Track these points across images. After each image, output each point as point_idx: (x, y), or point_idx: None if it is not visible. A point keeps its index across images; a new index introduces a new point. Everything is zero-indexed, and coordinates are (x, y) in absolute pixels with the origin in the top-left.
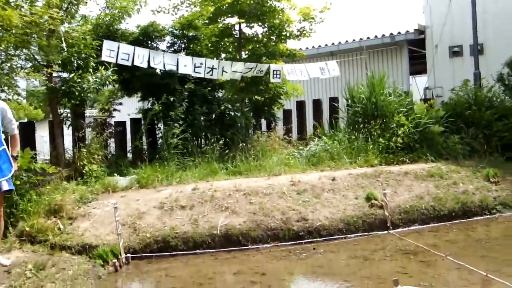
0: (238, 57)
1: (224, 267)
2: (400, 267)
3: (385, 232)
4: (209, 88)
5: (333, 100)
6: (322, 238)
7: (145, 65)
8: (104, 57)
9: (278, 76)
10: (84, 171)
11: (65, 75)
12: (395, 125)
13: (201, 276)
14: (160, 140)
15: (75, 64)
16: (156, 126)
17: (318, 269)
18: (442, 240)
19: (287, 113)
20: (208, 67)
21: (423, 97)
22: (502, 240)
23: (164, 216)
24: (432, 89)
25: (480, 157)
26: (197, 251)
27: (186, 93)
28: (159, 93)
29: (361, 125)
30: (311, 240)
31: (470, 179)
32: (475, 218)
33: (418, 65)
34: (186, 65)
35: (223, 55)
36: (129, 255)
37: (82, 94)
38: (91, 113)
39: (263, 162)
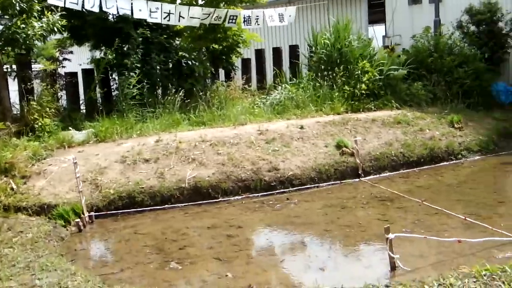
0: (195, 2)
1: (196, 222)
2: (378, 214)
3: (357, 180)
4: (166, 36)
5: (294, 48)
6: (295, 188)
7: (96, 9)
8: (50, 0)
9: (233, 21)
10: (35, 126)
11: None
12: (359, 72)
13: (173, 232)
14: (116, 92)
15: (18, 8)
16: (110, 77)
17: (295, 220)
18: (414, 186)
19: (246, 62)
20: (164, 12)
21: (382, 46)
22: (472, 184)
23: (127, 170)
24: (390, 37)
25: (442, 104)
26: (166, 206)
27: (140, 39)
28: (113, 41)
29: (325, 73)
30: (284, 190)
31: (435, 126)
32: (442, 164)
33: (376, 13)
34: (141, 9)
35: (179, 0)
36: (92, 213)
37: (27, 42)
38: (37, 67)
39: (227, 112)
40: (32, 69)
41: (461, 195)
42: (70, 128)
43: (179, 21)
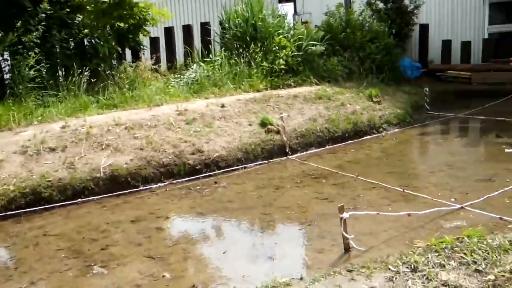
0: None
1: (117, 215)
2: (315, 192)
3: (285, 158)
4: (68, 10)
5: (205, 26)
6: (222, 170)
7: None
8: None
9: None
10: None
11: None
12: (277, 47)
13: (91, 229)
14: (9, 74)
15: None
16: (1, 57)
17: (229, 205)
18: (344, 161)
19: (154, 42)
20: None
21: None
22: (399, 156)
23: (30, 162)
24: (300, 15)
25: (357, 79)
26: (79, 200)
27: (42, 15)
28: (4, 15)
29: (241, 50)
30: (210, 173)
31: (355, 100)
32: (366, 138)
33: None
34: None
35: None
36: None
37: None
38: None
39: (140, 93)
40: None
41: (391, 168)
42: None
43: None
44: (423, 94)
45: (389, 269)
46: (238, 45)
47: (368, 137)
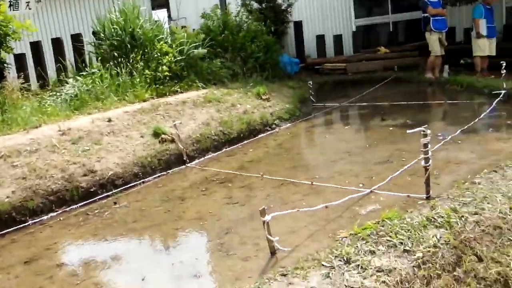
0: None
1: (6, 259)
2: (225, 198)
3: (183, 166)
4: None
5: (77, 37)
6: (119, 189)
7: None
8: None
9: None
10: None
11: None
12: (159, 54)
13: None
14: None
15: None
16: None
17: (136, 225)
18: (245, 162)
19: (20, 58)
20: None
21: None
22: (298, 150)
23: None
24: (176, 20)
25: (242, 79)
26: None
27: None
28: None
29: (120, 59)
30: (107, 194)
31: (245, 100)
32: (261, 136)
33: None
34: None
35: None
36: None
37: None
38: None
39: (12, 115)
40: None
41: (293, 162)
42: None
43: None
44: (307, 87)
45: (323, 265)
46: (116, 55)
47: (263, 134)
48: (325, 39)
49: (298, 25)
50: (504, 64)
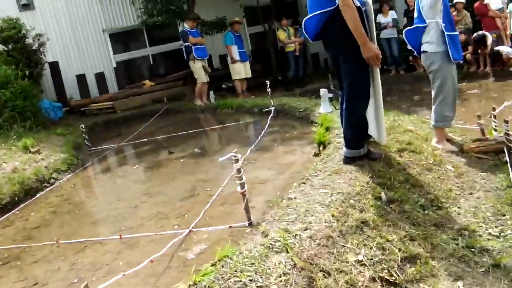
0: None
1: None
2: (19, 282)
3: None
4: None
5: None
6: None
7: None
8: None
9: None
10: None
11: None
12: None
13: None
14: None
15: None
16: None
17: None
18: (30, 229)
19: None
20: None
21: None
22: (89, 202)
23: None
24: None
25: (2, 133)
26: None
27: None
28: None
29: None
30: None
31: (11, 156)
32: (40, 194)
33: None
34: None
35: None
36: None
37: None
38: None
39: None
40: None
41: (89, 217)
42: None
43: None
44: (78, 132)
45: None
46: None
47: (42, 192)
48: (86, 78)
49: (54, 66)
50: (268, 83)
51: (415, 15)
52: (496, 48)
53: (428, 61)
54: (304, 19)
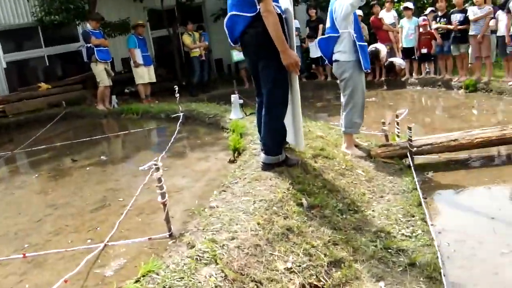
0: None
1: None
2: None
3: None
4: None
5: None
6: None
7: None
8: None
9: None
10: None
11: None
12: None
13: None
14: None
15: None
16: None
17: None
18: None
19: None
20: None
21: None
22: None
23: None
24: None
25: None
26: None
27: None
28: None
29: None
30: None
31: None
32: None
33: None
34: None
35: None
36: None
37: None
38: None
39: None
40: None
41: None
42: None
43: None
44: None
45: None
46: None
47: None
48: None
49: None
50: (177, 88)
51: (328, 25)
52: (390, 59)
53: (340, 69)
54: (226, 18)
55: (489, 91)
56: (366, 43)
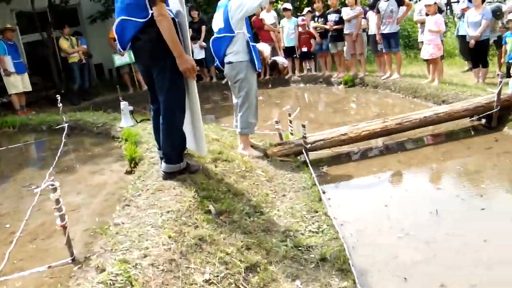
0: None
1: None
2: None
3: None
4: None
5: None
6: None
7: None
8: None
9: None
10: None
11: None
12: None
13: None
14: None
15: None
16: None
17: None
18: None
19: None
20: None
21: None
22: None
23: None
24: None
25: None
26: None
27: None
28: None
29: None
30: None
31: None
32: None
33: None
34: None
35: None
36: None
37: None
38: None
39: None
40: None
41: None
42: None
43: None
44: None
45: None
46: None
47: None
48: None
49: None
50: (60, 98)
51: (220, 25)
52: (273, 58)
53: (234, 71)
54: (115, 24)
55: (366, 85)
56: (256, 44)
